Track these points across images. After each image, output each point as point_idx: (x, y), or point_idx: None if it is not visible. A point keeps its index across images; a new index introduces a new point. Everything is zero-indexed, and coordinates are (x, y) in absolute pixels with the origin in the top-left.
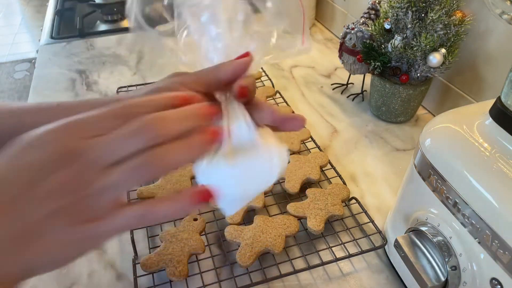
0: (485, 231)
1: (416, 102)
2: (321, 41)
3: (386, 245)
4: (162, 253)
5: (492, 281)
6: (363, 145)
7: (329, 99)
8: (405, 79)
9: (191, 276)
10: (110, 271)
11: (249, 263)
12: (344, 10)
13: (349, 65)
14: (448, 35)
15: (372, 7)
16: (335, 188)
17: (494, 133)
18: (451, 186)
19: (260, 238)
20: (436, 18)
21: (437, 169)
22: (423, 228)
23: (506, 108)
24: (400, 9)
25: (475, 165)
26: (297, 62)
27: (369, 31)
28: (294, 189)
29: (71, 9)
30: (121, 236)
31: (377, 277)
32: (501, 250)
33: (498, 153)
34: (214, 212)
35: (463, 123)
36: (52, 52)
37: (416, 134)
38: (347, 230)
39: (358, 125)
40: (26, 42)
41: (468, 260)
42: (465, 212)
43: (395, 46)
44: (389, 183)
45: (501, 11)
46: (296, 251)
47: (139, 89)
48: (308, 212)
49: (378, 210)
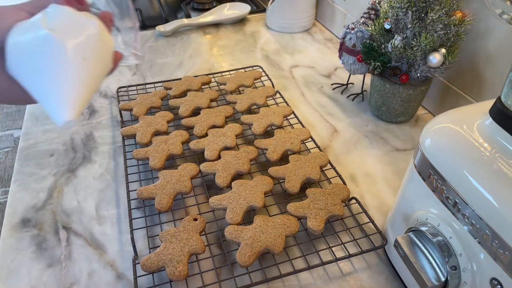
0: (485, 231)
1: (416, 102)
2: (321, 41)
3: (386, 245)
4: (162, 253)
5: (492, 281)
6: (363, 145)
7: (329, 99)
8: (405, 79)
9: (191, 276)
10: (110, 271)
11: (249, 263)
12: (344, 10)
13: (349, 65)
14: (448, 35)
15: (372, 7)
16: (335, 188)
17: (494, 133)
18: (451, 186)
19: (260, 238)
20: (436, 18)
21: (437, 169)
22: (423, 228)
23: (506, 108)
24: (400, 9)
25: (475, 165)
26: (297, 62)
27: (369, 31)
28: (294, 189)
29: None
30: (121, 236)
31: (377, 277)
32: (501, 250)
33: (498, 153)
34: (214, 212)
35: (463, 123)
36: None
37: (416, 134)
38: (347, 230)
39: (358, 125)
40: None
41: (468, 260)
42: (465, 212)
43: (395, 46)
44: (389, 183)
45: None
46: (296, 251)
47: None
48: (308, 212)
49: (378, 210)
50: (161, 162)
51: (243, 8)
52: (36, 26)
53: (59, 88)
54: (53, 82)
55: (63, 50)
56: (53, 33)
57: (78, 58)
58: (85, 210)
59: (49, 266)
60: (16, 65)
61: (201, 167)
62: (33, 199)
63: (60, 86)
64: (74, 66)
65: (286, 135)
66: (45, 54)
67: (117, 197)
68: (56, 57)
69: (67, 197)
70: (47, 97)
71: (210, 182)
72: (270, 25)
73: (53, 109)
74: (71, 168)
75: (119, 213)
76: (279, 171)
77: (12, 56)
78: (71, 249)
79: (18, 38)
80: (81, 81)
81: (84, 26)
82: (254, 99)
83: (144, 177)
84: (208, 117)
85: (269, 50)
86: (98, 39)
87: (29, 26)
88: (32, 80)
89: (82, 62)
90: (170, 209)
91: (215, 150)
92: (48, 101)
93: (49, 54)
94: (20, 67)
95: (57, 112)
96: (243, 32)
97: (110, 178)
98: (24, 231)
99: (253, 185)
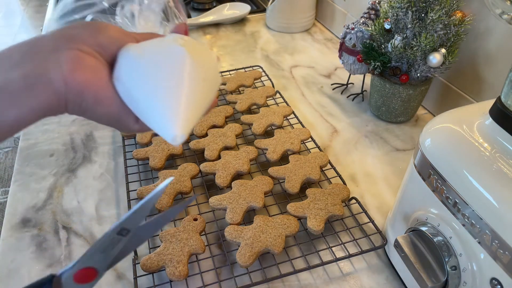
0: (485, 231)
1: (416, 102)
2: (321, 41)
3: (386, 245)
4: (162, 253)
5: (492, 281)
6: (363, 145)
7: (329, 99)
8: (405, 79)
9: (191, 276)
10: (110, 271)
11: (249, 263)
12: (344, 10)
13: (349, 65)
14: (448, 35)
15: (372, 7)
16: (335, 188)
17: (494, 133)
18: (451, 186)
19: (260, 238)
20: (436, 18)
21: (437, 169)
22: (423, 228)
23: (506, 108)
24: (400, 9)
25: (475, 165)
26: (297, 62)
27: (369, 31)
28: (294, 189)
29: None
30: None
31: (377, 277)
32: (501, 250)
33: (498, 153)
34: (214, 212)
35: (463, 123)
36: None
37: (416, 134)
38: (347, 230)
39: (358, 125)
40: None
41: (468, 260)
42: (465, 212)
43: (395, 46)
44: (389, 183)
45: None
46: (296, 251)
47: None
48: (308, 212)
49: (378, 210)
50: (161, 162)
51: (243, 8)
52: (166, 42)
53: (176, 102)
54: (172, 95)
55: (191, 66)
56: (186, 49)
57: (200, 78)
58: (85, 210)
59: (49, 266)
60: (129, 76)
61: (201, 167)
62: (33, 199)
63: (178, 99)
64: (197, 84)
65: (286, 135)
66: (171, 67)
67: (117, 197)
68: (181, 71)
69: (67, 197)
70: (160, 110)
71: (210, 182)
72: (270, 25)
73: (165, 121)
74: (71, 168)
75: (119, 213)
76: (279, 171)
77: (127, 68)
78: (71, 249)
79: (140, 51)
80: (197, 99)
81: (205, 51)
82: (254, 99)
83: (144, 177)
84: (208, 117)
85: (269, 50)
86: (216, 65)
87: (157, 42)
88: (144, 92)
89: (203, 83)
90: None
91: (215, 150)
92: (160, 114)
93: (176, 67)
94: (134, 78)
95: (169, 125)
96: (243, 32)
97: (110, 178)
98: (24, 231)
99: (253, 185)
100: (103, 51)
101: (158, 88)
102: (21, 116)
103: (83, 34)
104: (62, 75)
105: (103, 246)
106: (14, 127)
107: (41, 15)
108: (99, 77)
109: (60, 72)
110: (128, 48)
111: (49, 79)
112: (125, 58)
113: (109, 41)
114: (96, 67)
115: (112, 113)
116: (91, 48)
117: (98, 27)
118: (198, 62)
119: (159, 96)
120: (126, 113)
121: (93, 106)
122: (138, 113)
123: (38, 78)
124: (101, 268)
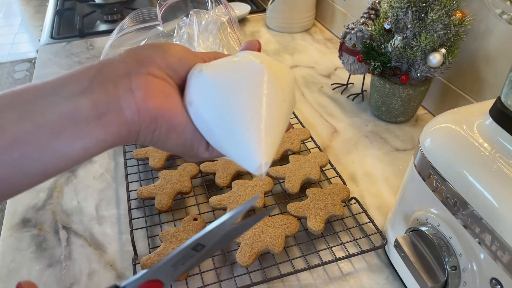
0: (485, 231)
1: (416, 102)
2: (321, 41)
3: (386, 245)
4: (162, 253)
5: (492, 281)
6: (363, 145)
7: (329, 99)
8: (405, 79)
9: (191, 276)
10: (110, 271)
11: (249, 263)
12: (344, 10)
13: (349, 65)
14: (448, 35)
15: (372, 7)
16: (335, 188)
17: (494, 133)
18: (451, 186)
19: (260, 238)
20: (436, 18)
21: (437, 169)
22: (423, 228)
23: (506, 108)
24: (400, 9)
25: (475, 165)
26: (297, 62)
27: (369, 31)
28: (294, 189)
29: (71, 9)
30: (121, 236)
31: (377, 277)
32: (501, 250)
33: (498, 153)
34: (214, 212)
35: (463, 123)
36: (52, 52)
37: (416, 134)
38: (347, 230)
39: (358, 125)
40: (26, 42)
41: (468, 260)
42: (465, 212)
43: (395, 46)
44: (389, 183)
45: (501, 11)
46: (296, 251)
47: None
48: (308, 212)
49: (378, 210)
50: (161, 162)
51: (243, 8)
52: (241, 60)
53: (258, 127)
54: (253, 119)
55: (273, 86)
56: (266, 67)
57: (281, 99)
58: (85, 210)
59: (49, 266)
60: (204, 99)
61: (201, 167)
62: (33, 199)
63: (261, 124)
64: (278, 106)
65: (286, 135)
66: (251, 88)
67: (117, 197)
68: (262, 92)
69: (67, 197)
70: (241, 136)
71: (210, 182)
72: (270, 25)
73: (248, 149)
74: (71, 168)
75: (119, 213)
76: (279, 171)
77: (200, 90)
78: (71, 249)
79: (214, 72)
80: (279, 122)
81: (282, 69)
82: None
83: (144, 177)
84: None
85: (269, 50)
86: (293, 84)
87: (231, 61)
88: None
89: (283, 104)
90: (170, 209)
91: None
92: (241, 140)
93: (256, 87)
94: (210, 101)
95: (253, 154)
96: (243, 32)
97: (110, 178)
98: (24, 231)
99: (253, 185)
100: (173, 73)
101: (237, 111)
102: (88, 147)
103: (154, 56)
104: (135, 102)
105: (175, 260)
106: (78, 159)
107: (41, 15)
108: (173, 102)
109: (132, 99)
110: (199, 69)
111: (120, 108)
112: (198, 80)
113: (179, 62)
114: (168, 92)
115: (185, 140)
116: (162, 71)
117: (166, 48)
118: (279, 81)
119: (239, 120)
120: (198, 139)
121: (167, 133)
122: (213, 140)
123: (109, 106)
124: (167, 281)
